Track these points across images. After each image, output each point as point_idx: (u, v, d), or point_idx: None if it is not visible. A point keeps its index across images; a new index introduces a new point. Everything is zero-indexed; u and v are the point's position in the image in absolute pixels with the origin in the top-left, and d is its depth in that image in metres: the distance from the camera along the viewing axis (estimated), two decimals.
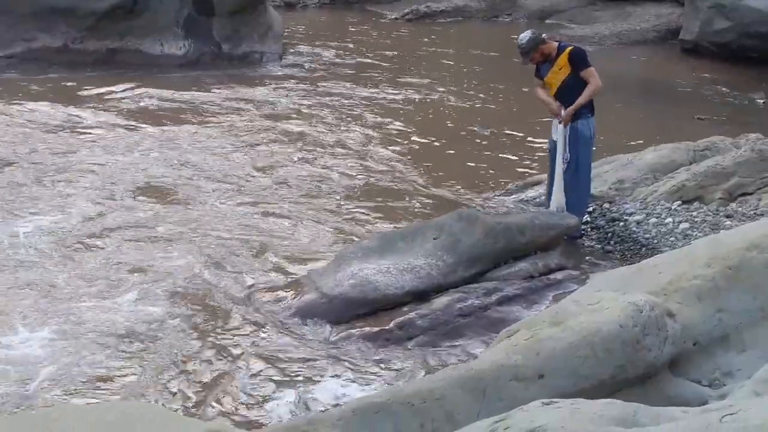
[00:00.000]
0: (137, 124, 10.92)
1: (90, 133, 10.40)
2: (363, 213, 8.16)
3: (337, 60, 15.76)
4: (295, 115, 11.58)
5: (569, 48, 7.50)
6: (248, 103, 12.14)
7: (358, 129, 11.10)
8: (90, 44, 13.92)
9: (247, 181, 8.90)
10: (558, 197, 7.50)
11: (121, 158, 9.36)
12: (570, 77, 7.38)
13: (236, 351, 5.58)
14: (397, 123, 11.54)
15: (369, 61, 15.89)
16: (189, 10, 14.42)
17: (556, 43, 7.57)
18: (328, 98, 12.67)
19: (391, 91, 13.37)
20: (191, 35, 14.49)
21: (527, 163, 10.06)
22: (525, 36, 7.44)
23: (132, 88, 12.61)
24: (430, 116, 12.18)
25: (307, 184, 8.88)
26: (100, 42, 13.97)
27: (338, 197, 8.54)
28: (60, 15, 13.73)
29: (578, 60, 7.40)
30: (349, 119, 11.56)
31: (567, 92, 7.39)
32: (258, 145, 10.16)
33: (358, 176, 9.23)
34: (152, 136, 10.38)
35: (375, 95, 13.08)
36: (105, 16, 13.90)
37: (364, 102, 12.59)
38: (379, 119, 11.66)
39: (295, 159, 9.68)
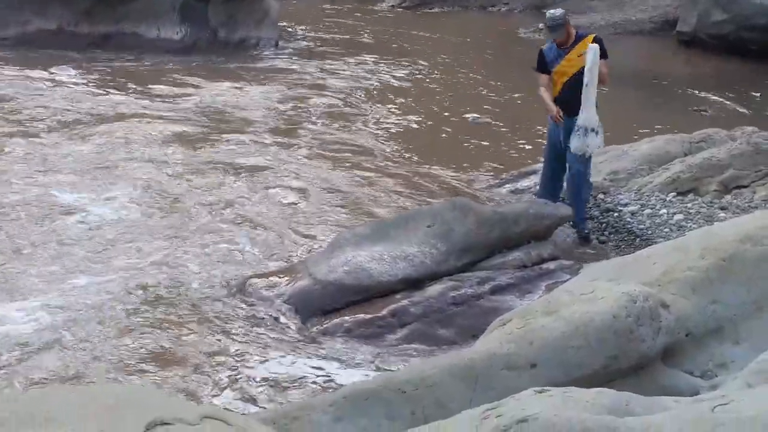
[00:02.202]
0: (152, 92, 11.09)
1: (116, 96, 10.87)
2: (358, 199, 8.14)
3: (334, 46, 15.71)
4: (289, 101, 11.54)
5: (591, 34, 7.37)
6: (239, 89, 12.11)
7: (356, 115, 11.08)
8: (85, 27, 13.84)
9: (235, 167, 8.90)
10: (589, 115, 7.04)
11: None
12: None
13: (229, 336, 5.57)
14: (393, 109, 11.53)
15: (366, 48, 15.84)
16: None
17: (575, 30, 7.41)
18: (323, 84, 12.64)
19: (388, 77, 13.35)
20: (188, 20, 14.42)
21: (522, 152, 10.05)
22: (556, 11, 7.26)
23: (136, 66, 12.72)
24: (425, 102, 12.15)
25: (302, 172, 8.88)
26: (95, 25, 13.89)
27: (332, 184, 8.52)
28: None
29: (603, 47, 7.09)
30: (345, 105, 11.53)
31: (579, 82, 7.04)
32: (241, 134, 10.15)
33: (355, 161, 9.21)
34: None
35: (371, 82, 13.04)
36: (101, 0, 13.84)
37: (359, 89, 12.55)
38: (375, 106, 11.63)
39: (287, 152, 9.66)
